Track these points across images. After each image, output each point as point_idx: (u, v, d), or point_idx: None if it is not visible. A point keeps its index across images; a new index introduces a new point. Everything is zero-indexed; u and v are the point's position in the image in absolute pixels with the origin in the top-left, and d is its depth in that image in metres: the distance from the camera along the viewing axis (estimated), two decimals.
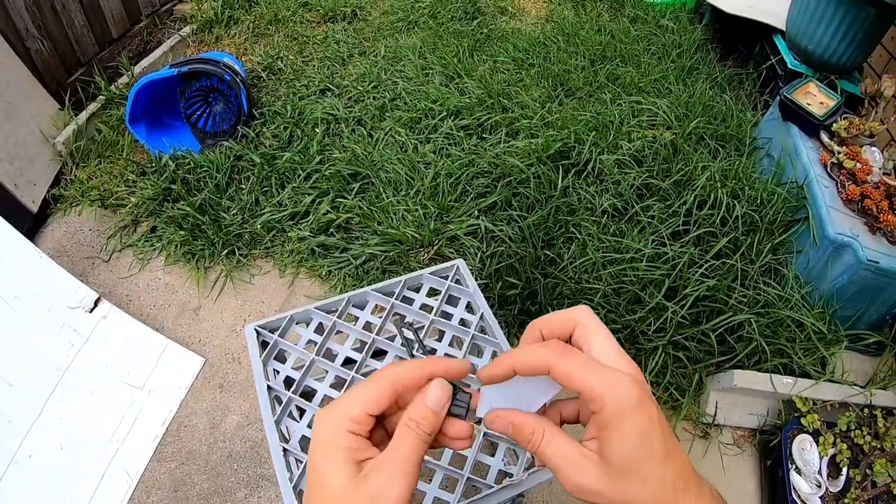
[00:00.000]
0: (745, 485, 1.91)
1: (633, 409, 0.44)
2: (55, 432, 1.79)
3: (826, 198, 2.03)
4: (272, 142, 2.59)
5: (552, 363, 0.47)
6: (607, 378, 0.45)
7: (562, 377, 0.47)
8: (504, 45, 3.24)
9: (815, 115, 2.20)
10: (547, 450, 0.48)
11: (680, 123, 2.59)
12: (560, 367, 0.46)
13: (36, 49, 2.44)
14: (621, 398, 0.44)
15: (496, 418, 0.51)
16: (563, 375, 0.46)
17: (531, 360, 0.48)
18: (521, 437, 0.49)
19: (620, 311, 2.00)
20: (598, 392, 0.44)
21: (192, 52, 3.17)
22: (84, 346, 1.93)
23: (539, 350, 0.48)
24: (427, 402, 0.49)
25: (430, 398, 0.50)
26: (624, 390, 0.45)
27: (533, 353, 0.49)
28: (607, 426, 0.44)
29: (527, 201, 2.30)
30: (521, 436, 0.49)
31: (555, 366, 0.46)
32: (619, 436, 0.44)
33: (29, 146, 2.36)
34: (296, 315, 1.38)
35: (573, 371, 0.46)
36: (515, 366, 0.50)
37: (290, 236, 2.30)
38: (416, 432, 0.48)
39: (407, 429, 0.48)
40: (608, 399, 0.44)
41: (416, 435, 0.48)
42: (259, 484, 1.79)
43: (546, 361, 0.47)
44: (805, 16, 2.44)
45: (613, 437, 0.44)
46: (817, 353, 1.97)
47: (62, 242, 2.32)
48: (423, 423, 0.48)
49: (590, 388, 0.45)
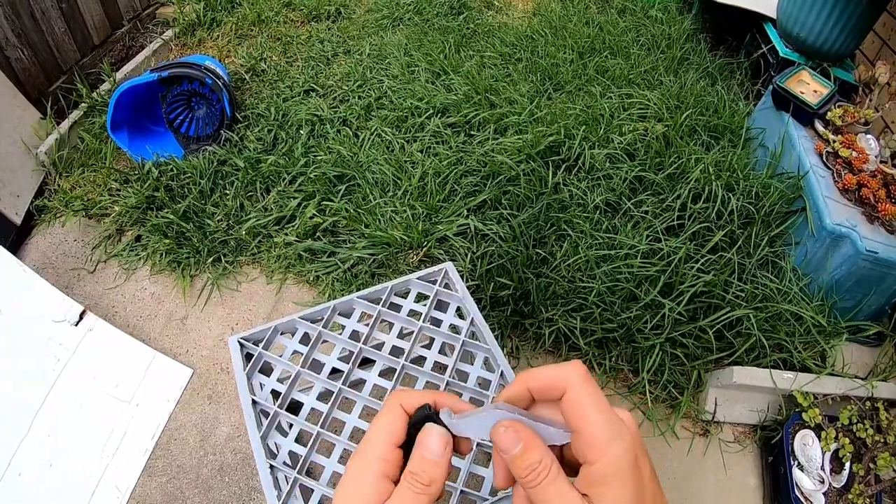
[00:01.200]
0: (747, 481, 1.89)
1: (630, 469, 0.42)
2: (44, 449, 1.76)
3: (822, 188, 2.00)
4: (256, 145, 2.55)
5: (574, 385, 0.44)
6: (613, 429, 0.43)
7: (572, 406, 0.44)
8: (491, 40, 3.21)
9: (809, 104, 2.17)
10: (549, 489, 0.43)
11: (672, 115, 2.55)
12: (576, 393, 0.44)
13: (16, 58, 2.40)
14: (620, 456, 0.42)
15: (509, 429, 0.45)
16: (575, 404, 0.44)
17: (548, 376, 0.46)
18: (523, 464, 0.44)
19: (615, 310, 1.97)
20: (601, 441, 0.42)
21: (174, 55, 3.12)
22: (70, 360, 1.90)
23: (559, 369, 0.46)
24: (424, 452, 0.47)
25: (427, 448, 0.47)
26: (624, 447, 0.42)
27: (552, 369, 0.46)
28: (603, 483, 0.42)
29: (517, 199, 2.27)
30: (524, 462, 0.44)
31: (575, 389, 0.44)
32: (615, 498, 0.42)
33: (11, 157, 2.31)
34: (280, 325, 1.35)
35: (587, 404, 0.44)
36: (530, 382, 0.47)
37: (277, 241, 2.26)
38: (411, 484, 0.46)
39: (405, 482, 0.46)
40: (609, 455, 0.42)
41: (411, 486, 0.46)
42: (251, 497, 1.76)
43: (568, 382, 0.44)
44: (796, 3, 2.40)
45: (608, 498, 0.42)
46: (817, 346, 1.95)
47: (47, 254, 2.29)
48: (420, 475, 0.46)
49: (594, 433, 0.43)
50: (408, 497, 0.45)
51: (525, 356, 2.06)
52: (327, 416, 1.21)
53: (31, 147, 2.40)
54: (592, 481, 0.42)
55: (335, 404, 1.22)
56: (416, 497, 0.45)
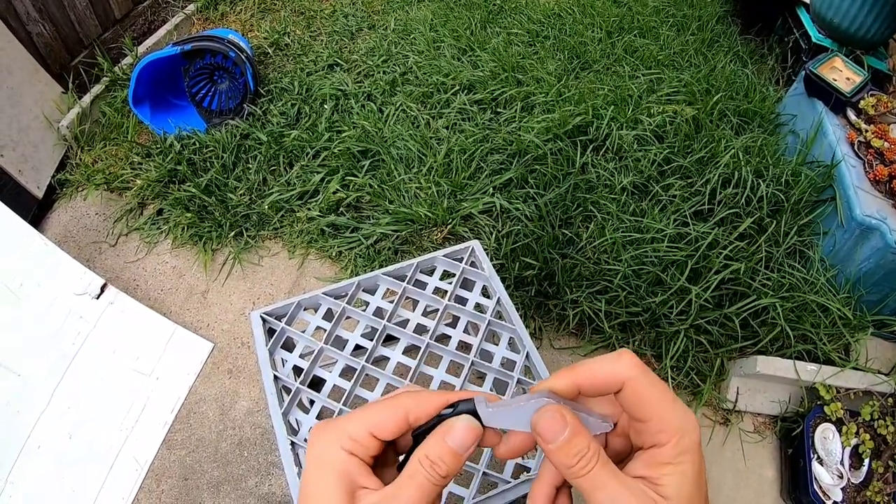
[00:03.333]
0: (765, 473, 1.86)
1: (696, 450, 0.41)
2: (64, 422, 1.76)
3: (853, 178, 1.95)
4: (279, 119, 2.52)
5: (633, 377, 0.42)
6: (680, 413, 0.41)
7: (638, 397, 0.42)
8: (518, 17, 3.14)
9: (842, 91, 2.11)
10: (601, 475, 0.40)
11: (702, 98, 2.49)
12: (639, 384, 0.41)
13: (38, 33, 2.37)
14: (693, 436, 0.41)
15: (555, 414, 0.41)
16: (640, 396, 0.42)
17: (602, 370, 0.43)
18: (571, 451, 0.40)
19: (641, 294, 1.93)
20: (674, 425, 0.40)
21: (196, 29, 3.09)
22: (91, 334, 1.89)
23: (612, 362, 0.42)
24: (448, 440, 0.42)
25: (454, 438, 0.42)
26: (692, 426, 0.41)
27: (605, 364, 0.43)
28: (672, 462, 0.40)
29: (543, 178, 2.22)
30: (573, 449, 0.40)
31: (635, 380, 0.41)
32: (682, 474, 0.40)
33: (33, 131, 2.30)
34: (303, 301, 1.33)
35: (652, 395, 0.42)
36: (580, 377, 0.43)
37: (299, 216, 2.24)
38: (428, 473, 0.41)
39: (419, 467, 0.41)
40: (682, 434, 0.40)
41: (428, 477, 0.41)
42: (270, 472, 1.75)
43: (625, 374, 0.42)
44: None
45: (675, 475, 0.40)
46: (842, 339, 1.90)
47: (68, 227, 2.28)
48: (438, 465, 0.41)
49: (664, 418, 0.41)
50: (420, 484, 0.41)
51: (548, 337, 2.03)
52: (350, 393, 1.19)
53: (52, 121, 2.38)
54: (659, 462, 0.40)
55: (358, 381, 1.20)
56: (430, 487, 0.41)
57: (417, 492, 0.40)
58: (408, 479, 0.41)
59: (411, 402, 0.43)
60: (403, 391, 0.45)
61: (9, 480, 1.65)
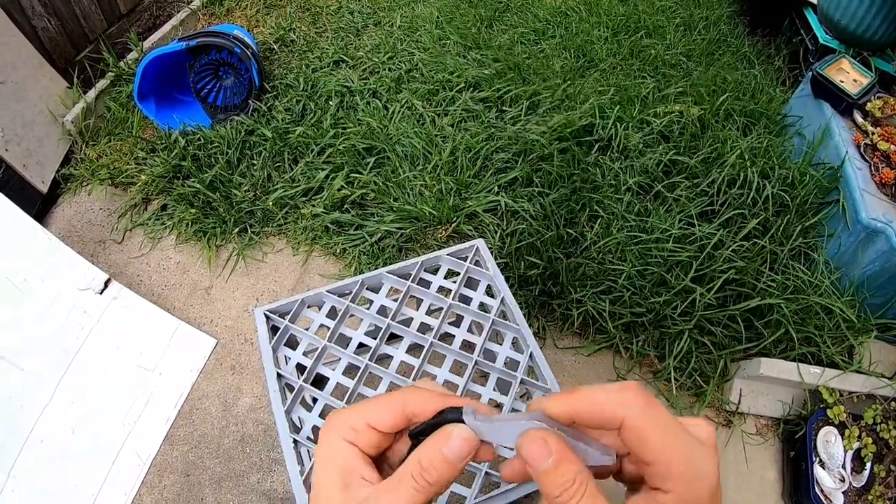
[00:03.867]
0: (767, 475, 1.85)
1: (707, 500, 0.37)
2: (67, 416, 1.76)
3: (859, 180, 1.95)
4: (284, 115, 2.51)
5: (633, 414, 0.38)
6: (690, 457, 0.37)
7: (636, 437, 0.38)
8: (524, 15, 3.13)
9: (849, 93, 2.10)
10: None
11: (708, 99, 2.48)
12: (640, 422, 0.37)
13: (43, 27, 2.37)
14: (702, 483, 0.37)
15: (538, 440, 0.38)
16: (639, 436, 0.38)
17: (600, 404, 0.39)
18: (556, 481, 0.37)
19: (645, 294, 1.93)
20: (680, 472, 0.37)
21: (202, 25, 3.09)
22: (94, 329, 1.90)
23: (613, 394, 0.39)
24: (443, 448, 0.40)
25: (450, 447, 0.40)
26: (706, 473, 0.37)
27: (605, 395, 0.39)
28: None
29: (549, 177, 2.22)
30: (557, 478, 0.37)
31: (636, 417, 0.38)
32: None
33: (37, 126, 2.30)
34: (307, 298, 1.33)
35: (655, 434, 0.37)
36: (578, 409, 0.39)
37: (304, 213, 2.23)
38: (417, 481, 0.39)
39: (409, 471, 0.39)
40: (689, 484, 0.37)
41: (416, 481, 0.39)
42: (272, 468, 1.75)
43: (624, 410, 0.38)
44: None
45: None
46: (845, 341, 1.90)
47: (72, 222, 2.28)
48: (429, 472, 0.39)
49: (670, 463, 0.37)
50: (405, 490, 0.39)
51: (552, 336, 2.03)
52: (353, 391, 1.19)
53: (57, 116, 2.38)
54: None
55: (361, 380, 1.20)
56: (416, 493, 0.39)
57: (405, 494, 0.39)
58: (398, 481, 0.39)
59: (411, 397, 0.42)
60: (410, 387, 0.44)
61: (11, 474, 1.65)
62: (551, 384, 1.21)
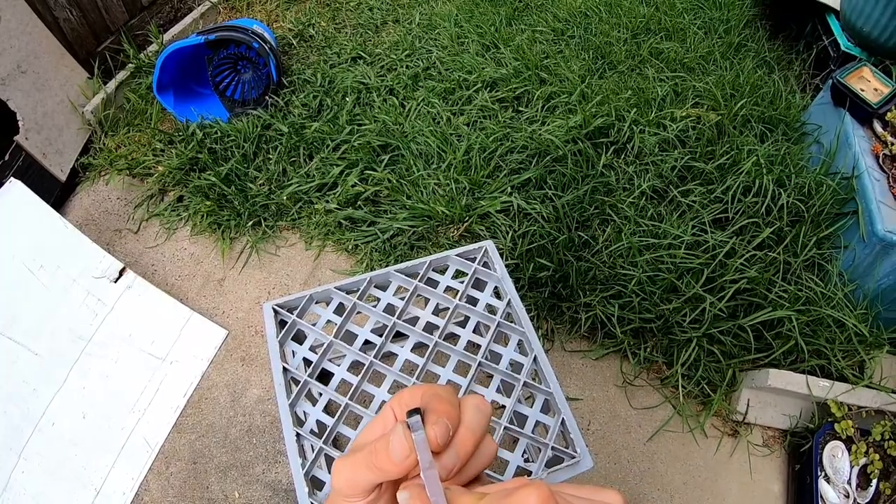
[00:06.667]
0: (771, 487, 1.84)
1: None
2: (78, 401, 1.79)
3: (876, 192, 1.91)
4: (301, 111, 2.53)
5: None
6: None
7: None
8: (543, 15, 3.12)
9: (869, 103, 2.06)
10: None
11: (726, 104, 2.46)
12: None
13: (64, 18, 2.40)
14: None
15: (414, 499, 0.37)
16: None
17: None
18: None
19: (655, 300, 1.92)
20: None
21: (222, 19, 3.11)
22: (108, 316, 1.92)
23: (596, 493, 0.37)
24: (390, 447, 0.38)
25: (392, 443, 0.38)
26: None
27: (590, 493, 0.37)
28: None
29: (562, 179, 2.21)
30: None
31: None
32: None
33: (57, 115, 2.33)
34: (315, 294, 1.34)
35: None
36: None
37: (317, 208, 2.25)
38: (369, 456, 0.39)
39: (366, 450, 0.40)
40: None
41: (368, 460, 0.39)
42: (277, 459, 1.77)
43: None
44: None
45: None
46: (857, 355, 1.87)
47: (90, 211, 2.31)
48: (376, 457, 0.39)
49: None
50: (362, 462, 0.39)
51: (560, 339, 2.03)
52: (357, 388, 1.20)
53: (77, 106, 2.41)
54: None
55: (365, 377, 1.21)
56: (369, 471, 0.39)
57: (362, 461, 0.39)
58: (357, 454, 0.40)
59: (395, 404, 0.42)
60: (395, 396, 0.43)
61: (22, 456, 1.68)
62: (554, 388, 1.21)
